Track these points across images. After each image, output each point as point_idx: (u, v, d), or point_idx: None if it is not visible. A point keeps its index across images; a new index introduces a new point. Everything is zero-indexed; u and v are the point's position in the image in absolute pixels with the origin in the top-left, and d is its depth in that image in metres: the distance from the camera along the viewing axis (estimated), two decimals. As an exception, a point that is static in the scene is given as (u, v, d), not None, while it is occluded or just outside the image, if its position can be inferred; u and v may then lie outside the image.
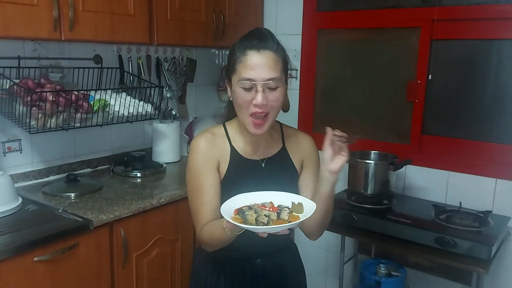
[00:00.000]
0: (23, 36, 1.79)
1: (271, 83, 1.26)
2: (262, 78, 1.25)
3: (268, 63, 1.26)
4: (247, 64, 1.26)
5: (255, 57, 1.26)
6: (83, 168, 2.39)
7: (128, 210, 1.89)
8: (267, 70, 1.25)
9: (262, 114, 1.28)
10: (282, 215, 1.14)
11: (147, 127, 2.69)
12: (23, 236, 1.60)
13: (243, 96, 1.28)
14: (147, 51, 2.60)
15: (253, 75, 1.25)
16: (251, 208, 1.16)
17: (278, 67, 1.28)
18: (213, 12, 2.50)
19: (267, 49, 1.27)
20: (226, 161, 1.38)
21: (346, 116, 2.81)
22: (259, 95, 1.25)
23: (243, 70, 1.27)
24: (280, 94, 1.29)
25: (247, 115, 1.29)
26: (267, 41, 1.28)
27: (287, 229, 1.10)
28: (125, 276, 1.93)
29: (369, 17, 2.57)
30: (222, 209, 1.16)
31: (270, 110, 1.29)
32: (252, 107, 1.27)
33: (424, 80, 2.42)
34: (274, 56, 1.27)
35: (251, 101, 1.27)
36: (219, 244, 1.30)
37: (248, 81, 1.26)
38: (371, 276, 2.22)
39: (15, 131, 2.08)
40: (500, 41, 2.24)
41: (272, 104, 1.28)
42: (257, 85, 1.25)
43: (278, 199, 1.22)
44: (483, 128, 2.35)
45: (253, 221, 1.11)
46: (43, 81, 1.99)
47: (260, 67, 1.25)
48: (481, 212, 2.11)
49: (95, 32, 1.97)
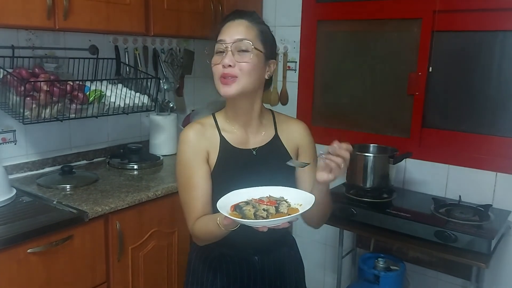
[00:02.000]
0: (16, 24, 1.77)
1: (240, 44, 1.27)
2: (231, 38, 1.27)
3: (240, 27, 1.29)
4: (222, 31, 1.30)
5: (229, 25, 1.31)
6: (79, 160, 2.36)
7: (124, 202, 1.86)
8: (237, 32, 1.28)
9: (229, 76, 1.27)
10: (281, 209, 1.11)
11: (144, 119, 2.66)
12: (17, 228, 1.57)
13: (215, 59, 1.30)
14: (144, 42, 2.57)
15: (223, 37, 1.28)
16: (249, 203, 1.13)
17: (251, 33, 1.29)
18: (211, 2, 2.46)
19: (242, 18, 1.31)
20: (216, 151, 1.35)
21: (346, 109, 2.78)
22: (226, 56, 1.27)
23: (218, 37, 1.30)
24: (250, 57, 1.27)
25: (217, 78, 1.30)
26: (244, 14, 1.33)
27: (287, 222, 1.07)
28: (121, 269, 1.91)
29: (369, 8, 2.54)
30: (219, 205, 1.12)
31: (241, 74, 1.27)
32: (221, 69, 1.27)
33: (425, 72, 2.38)
34: (247, 23, 1.30)
35: (221, 64, 1.27)
36: (212, 239, 1.28)
37: (220, 43, 1.28)
38: (369, 270, 2.20)
39: (9, 122, 2.05)
40: (502, 33, 2.21)
41: (241, 66, 1.27)
42: (226, 45, 1.27)
43: (275, 193, 1.19)
44: (484, 122, 2.32)
45: (251, 216, 1.08)
46: (37, 71, 1.95)
47: (231, 31, 1.28)
48: (481, 206, 2.09)
49: (90, 21, 1.93)
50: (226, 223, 1.11)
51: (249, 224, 1.07)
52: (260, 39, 1.30)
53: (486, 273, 2.19)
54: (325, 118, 2.84)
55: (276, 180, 1.25)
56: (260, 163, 1.37)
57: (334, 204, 2.18)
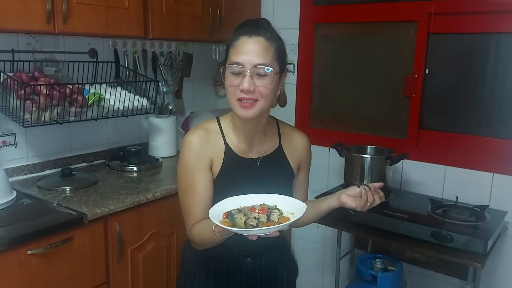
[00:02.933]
0: (16, 28, 1.78)
1: (260, 69, 1.23)
2: (250, 62, 1.23)
3: (258, 49, 1.24)
4: (238, 49, 1.25)
5: (245, 42, 1.25)
6: (79, 163, 2.38)
7: (123, 204, 1.88)
8: (256, 56, 1.23)
9: (250, 100, 1.25)
10: (272, 217, 1.12)
11: (143, 122, 2.68)
12: (17, 230, 1.59)
13: (231, 81, 1.26)
14: (143, 45, 2.59)
15: (241, 60, 1.24)
16: (241, 211, 1.14)
17: (269, 55, 1.25)
18: (209, 5, 2.49)
19: (259, 35, 1.25)
20: (220, 159, 1.35)
21: (343, 111, 2.80)
22: (245, 80, 1.23)
23: (233, 54, 1.26)
24: (270, 81, 1.25)
25: (234, 99, 1.27)
26: (260, 28, 1.27)
27: (277, 231, 1.08)
28: (120, 270, 1.93)
29: (366, 11, 2.56)
30: (211, 213, 1.13)
31: (260, 97, 1.25)
32: (239, 92, 1.25)
33: (421, 74, 2.40)
34: (265, 43, 1.25)
35: (238, 86, 1.24)
36: (209, 244, 1.29)
37: (236, 65, 1.24)
38: (367, 270, 2.22)
39: (10, 125, 2.07)
40: (498, 35, 2.23)
41: (260, 90, 1.24)
42: (245, 70, 1.23)
43: (268, 201, 1.20)
44: (481, 123, 2.34)
45: (242, 224, 1.10)
46: (37, 75, 1.97)
47: (249, 52, 1.23)
48: (478, 207, 2.10)
49: (89, 25, 1.95)
50: (217, 230, 1.13)
51: (238, 232, 1.08)
52: (276, 59, 1.27)
53: (483, 273, 2.20)
54: (323, 120, 2.86)
55: (277, 191, 1.26)
56: (263, 173, 1.38)
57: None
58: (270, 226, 1.08)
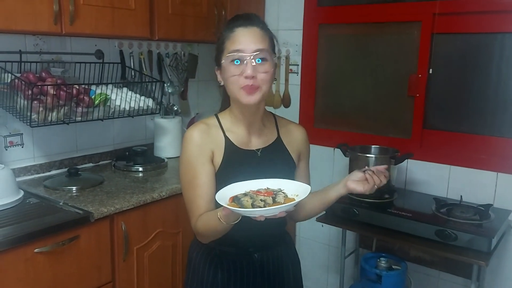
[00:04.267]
0: (23, 29, 1.80)
1: (260, 54, 1.28)
2: (250, 49, 1.27)
3: (255, 36, 1.29)
4: (235, 39, 1.29)
5: (242, 32, 1.29)
6: (85, 163, 2.41)
7: (129, 203, 1.90)
8: (255, 43, 1.28)
9: (253, 88, 1.28)
10: (278, 199, 1.14)
11: (148, 123, 2.70)
12: (24, 228, 1.61)
13: (232, 70, 1.29)
14: (148, 46, 2.61)
15: (241, 47, 1.27)
16: (247, 194, 1.16)
17: (266, 41, 1.31)
18: (215, 6, 2.51)
19: (253, 25, 1.31)
20: (221, 151, 1.37)
21: (347, 111, 2.81)
22: (248, 67, 1.26)
23: (231, 44, 1.29)
24: (270, 66, 1.30)
25: (238, 88, 1.29)
26: (252, 20, 1.32)
27: (284, 212, 1.10)
28: (126, 269, 1.94)
29: (369, 12, 2.57)
30: (218, 196, 1.16)
31: (261, 83, 1.29)
32: (242, 80, 1.28)
33: (425, 74, 2.41)
34: (260, 32, 1.31)
35: (241, 75, 1.27)
36: (215, 234, 1.30)
37: (237, 53, 1.27)
38: (371, 269, 2.22)
39: (17, 125, 2.09)
40: (502, 35, 2.23)
41: (262, 77, 1.28)
42: (246, 56, 1.27)
43: (272, 185, 1.23)
44: (485, 122, 2.34)
45: (249, 206, 1.11)
46: (44, 75, 2.00)
47: (247, 40, 1.28)
48: (482, 206, 2.10)
49: (96, 26, 1.97)
50: (225, 213, 1.14)
51: (246, 213, 1.10)
52: (271, 47, 1.33)
53: (487, 272, 2.20)
54: (327, 120, 2.87)
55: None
56: (264, 163, 1.40)
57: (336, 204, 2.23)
58: (277, 206, 1.09)
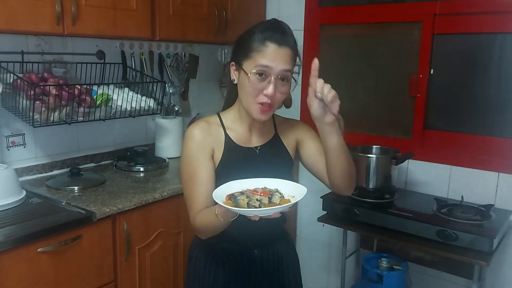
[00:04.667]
0: (26, 30, 1.81)
1: (285, 75, 1.30)
2: (279, 68, 1.28)
3: (286, 58, 1.30)
4: (266, 54, 1.28)
5: (275, 51, 1.28)
6: (87, 163, 2.41)
7: (131, 203, 1.90)
8: (284, 63, 1.29)
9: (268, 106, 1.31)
10: (274, 199, 1.15)
11: (150, 123, 2.71)
12: (27, 228, 1.61)
13: (255, 84, 1.29)
14: (149, 47, 2.62)
15: (271, 64, 1.28)
16: (243, 193, 1.17)
17: (293, 62, 1.33)
18: (215, 7, 2.51)
19: (287, 46, 1.30)
20: (221, 148, 1.40)
21: (348, 111, 2.79)
22: (271, 86, 1.28)
23: (261, 58, 1.28)
24: (288, 88, 1.33)
25: (254, 102, 1.32)
26: (288, 38, 1.32)
27: (278, 213, 1.11)
28: (128, 268, 1.95)
29: (370, 12, 2.58)
30: (214, 194, 1.17)
31: (276, 102, 1.33)
32: (261, 97, 1.30)
33: (426, 75, 2.42)
34: (291, 53, 1.31)
35: (262, 90, 1.29)
36: (213, 231, 1.31)
37: (266, 68, 1.28)
38: (372, 269, 2.23)
39: (19, 126, 2.10)
40: (502, 35, 2.24)
41: (279, 97, 1.32)
42: (272, 74, 1.28)
43: (270, 185, 1.24)
44: (486, 122, 2.35)
45: (244, 205, 1.12)
46: (46, 76, 2.00)
47: (278, 59, 1.28)
48: (483, 206, 2.11)
49: (97, 27, 1.98)
50: (221, 211, 1.17)
51: (241, 212, 1.12)
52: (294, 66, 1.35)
53: (488, 272, 2.21)
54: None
55: (276, 177, 1.29)
56: (262, 160, 1.42)
57: (337, 204, 2.24)
58: (272, 207, 1.11)
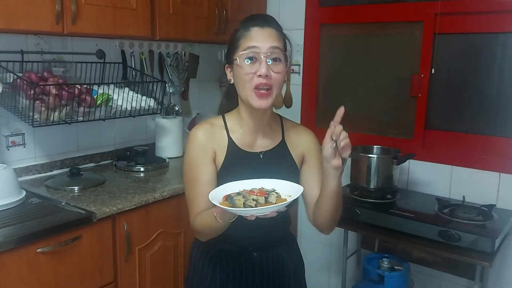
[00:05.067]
0: (25, 29, 1.80)
1: (274, 53, 1.27)
2: (266, 46, 1.27)
3: (271, 36, 1.29)
4: (251, 37, 1.29)
5: (258, 32, 1.29)
6: (86, 163, 2.40)
7: (131, 203, 1.89)
8: (271, 41, 1.28)
9: (266, 87, 1.28)
10: (270, 199, 1.14)
11: (150, 123, 2.70)
12: (27, 228, 1.60)
13: (246, 68, 1.28)
14: (149, 46, 2.61)
15: (257, 44, 1.27)
16: (240, 193, 1.16)
17: (281, 42, 1.31)
18: (215, 6, 2.50)
19: (270, 27, 1.31)
20: (223, 152, 1.37)
21: (349, 111, 2.77)
22: (263, 65, 1.26)
23: (247, 42, 1.28)
24: (283, 67, 1.30)
25: (250, 88, 1.28)
26: (269, 21, 1.32)
27: (275, 212, 1.10)
28: (128, 269, 1.93)
29: (371, 12, 2.57)
30: (211, 196, 1.16)
31: (273, 84, 1.28)
32: (256, 79, 1.27)
33: (427, 74, 2.41)
34: (276, 33, 1.31)
35: (255, 73, 1.27)
36: (212, 232, 1.30)
37: (253, 49, 1.27)
38: (374, 270, 2.21)
39: (18, 125, 2.09)
40: (504, 34, 2.23)
41: (275, 77, 1.28)
42: (261, 54, 1.26)
43: (267, 185, 1.23)
44: (487, 122, 2.34)
45: (241, 205, 1.12)
46: (46, 75, 1.99)
47: (264, 39, 1.28)
48: (485, 206, 2.10)
49: (97, 26, 1.97)
50: (217, 212, 1.15)
51: (237, 212, 1.11)
52: (285, 48, 1.33)
53: (490, 273, 2.19)
54: (329, 121, 2.79)
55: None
56: (266, 167, 1.39)
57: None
58: (268, 206, 1.10)
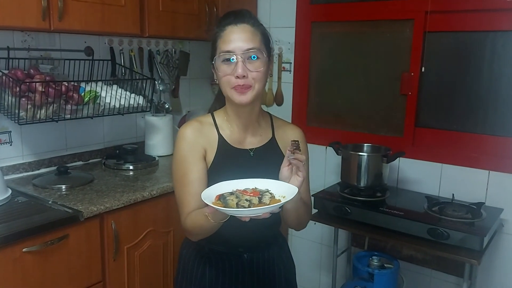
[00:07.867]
0: (11, 25, 1.77)
1: (250, 54, 1.27)
2: (240, 49, 1.27)
3: (245, 34, 1.28)
4: (226, 38, 1.29)
5: (232, 31, 1.29)
6: (75, 161, 2.37)
7: (119, 202, 1.87)
8: (245, 41, 1.27)
9: (244, 87, 1.28)
10: (264, 199, 1.13)
11: (139, 121, 2.67)
12: (12, 227, 1.58)
13: (224, 70, 1.29)
14: (139, 43, 2.59)
15: (231, 47, 1.27)
16: (233, 193, 1.15)
17: (257, 39, 1.30)
18: (206, 3, 2.49)
19: (244, 22, 1.30)
20: (213, 149, 1.36)
21: (340, 109, 2.80)
22: (238, 66, 1.26)
23: (223, 44, 1.29)
24: (261, 64, 1.29)
25: (229, 88, 1.29)
26: (243, 16, 1.32)
27: (268, 213, 1.09)
28: (116, 268, 1.92)
29: (362, 9, 2.56)
30: (204, 195, 1.15)
31: (254, 82, 1.29)
32: (234, 80, 1.28)
33: (418, 73, 2.41)
34: (251, 29, 1.30)
35: (232, 74, 1.27)
36: (203, 232, 1.29)
37: (227, 53, 1.27)
38: (364, 268, 2.22)
39: (5, 123, 2.06)
40: (493, 33, 2.24)
41: (253, 75, 1.28)
42: (236, 55, 1.26)
43: (260, 185, 1.22)
44: (477, 120, 2.34)
45: (234, 206, 1.11)
46: (33, 72, 1.97)
47: (238, 39, 1.27)
48: (474, 204, 2.10)
49: (85, 23, 1.95)
50: (209, 211, 1.14)
51: (229, 212, 1.10)
52: (263, 43, 1.32)
53: (479, 270, 2.21)
54: (319, 119, 2.86)
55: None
56: (256, 163, 1.38)
57: (328, 202, 2.23)
58: (262, 207, 1.09)
